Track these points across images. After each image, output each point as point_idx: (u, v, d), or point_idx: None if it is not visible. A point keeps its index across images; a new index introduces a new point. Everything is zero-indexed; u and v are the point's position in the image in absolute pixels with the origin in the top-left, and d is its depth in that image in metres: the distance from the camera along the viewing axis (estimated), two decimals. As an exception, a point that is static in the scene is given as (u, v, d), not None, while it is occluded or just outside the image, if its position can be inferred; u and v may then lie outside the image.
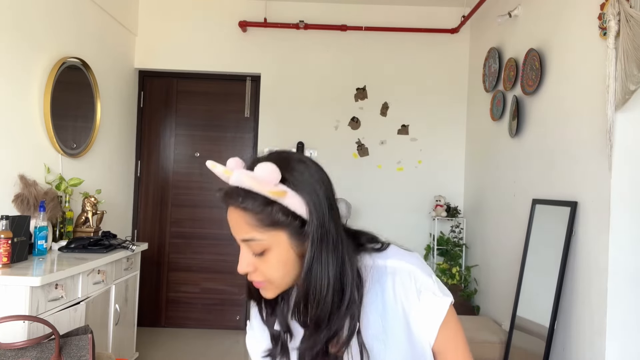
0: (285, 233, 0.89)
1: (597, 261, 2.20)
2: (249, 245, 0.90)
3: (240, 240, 0.91)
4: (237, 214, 0.89)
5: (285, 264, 0.90)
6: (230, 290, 4.30)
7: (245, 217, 0.89)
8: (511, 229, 3.17)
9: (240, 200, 0.88)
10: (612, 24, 2.06)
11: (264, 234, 0.88)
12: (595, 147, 2.26)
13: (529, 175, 2.96)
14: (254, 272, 0.91)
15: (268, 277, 0.91)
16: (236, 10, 4.19)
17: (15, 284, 2.01)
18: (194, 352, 3.76)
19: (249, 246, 0.90)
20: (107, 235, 2.95)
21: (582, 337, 2.28)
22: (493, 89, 3.58)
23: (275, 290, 0.93)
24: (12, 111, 2.61)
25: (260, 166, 0.86)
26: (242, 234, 0.90)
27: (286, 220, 0.88)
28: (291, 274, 0.92)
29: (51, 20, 2.92)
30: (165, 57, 4.21)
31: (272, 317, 1.00)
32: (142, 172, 4.32)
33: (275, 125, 4.21)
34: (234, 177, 0.88)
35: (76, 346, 1.68)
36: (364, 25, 4.17)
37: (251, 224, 0.88)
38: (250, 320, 1.10)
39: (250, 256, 0.91)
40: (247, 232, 0.89)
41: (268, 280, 0.91)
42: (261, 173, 0.85)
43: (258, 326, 1.06)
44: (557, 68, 2.68)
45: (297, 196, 0.88)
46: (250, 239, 0.89)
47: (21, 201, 2.53)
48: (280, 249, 0.89)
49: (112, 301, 2.83)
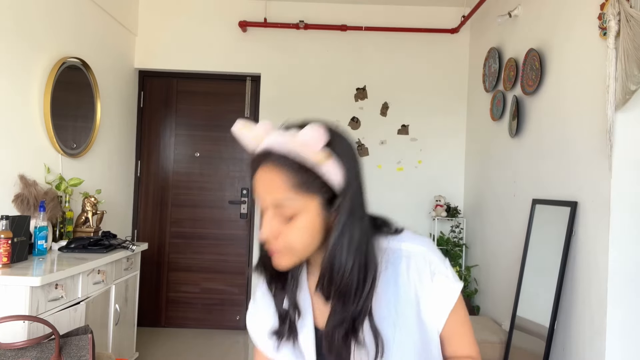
0: (317, 200, 0.88)
1: (597, 261, 2.20)
2: (279, 208, 0.88)
3: (270, 202, 0.88)
4: (272, 174, 0.87)
5: (312, 232, 0.89)
6: (230, 290, 4.30)
7: (282, 178, 0.86)
8: (511, 229, 3.17)
9: (279, 159, 0.86)
10: (612, 24, 2.06)
11: (297, 196, 0.87)
12: (595, 147, 2.26)
13: (529, 175, 2.96)
14: (276, 239, 0.89)
15: (290, 244, 0.89)
16: (236, 10, 4.19)
17: (15, 284, 2.01)
18: (194, 352, 3.76)
19: (278, 209, 0.88)
20: (107, 235, 2.95)
21: (582, 337, 2.28)
22: (493, 89, 3.58)
23: (293, 259, 0.91)
24: (12, 111, 2.61)
25: (309, 127, 0.84)
26: (274, 194, 0.87)
27: (321, 188, 0.87)
28: (314, 243, 0.90)
29: (51, 20, 2.92)
30: (165, 57, 4.21)
31: (281, 293, 0.99)
32: (142, 172, 4.32)
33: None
34: (273, 138, 0.87)
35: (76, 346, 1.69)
36: (364, 25, 4.17)
37: (286, 185, 0.86)
38: (254, 300, 1.09)
39: (275, 222, 0.89)
40: (281, 192, 0.87)
41: (289, 247, 0.90)
42: (308, 134, 0.84)
43: (263, 306, 1.05)
44: (557, 68, 2.68)
45: (337, 165, 0.87)
46: (283, 200, 0.87)
47: (21, 201, 2.53)
48: (309, 216, 0.88)
49: (112, 301, 2.83)
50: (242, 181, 4.31)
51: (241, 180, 4.31)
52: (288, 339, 0.98)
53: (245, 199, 4.29)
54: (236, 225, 4.31)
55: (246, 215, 4.29)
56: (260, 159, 0.88)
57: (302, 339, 0.98)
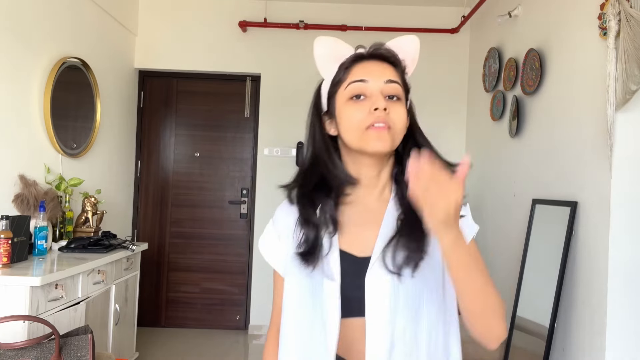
0: (405, 98, 1.03)
1: (597, 261, 2.20)
2: (391, 86, 0.99)
3: (385, 80, 0.99)
4: (384, 66, 1.01)
5: (404, 120, 1.00)
6: (230, 290, 4.30)
7: (393, 70, 1.01)
8: (511, 229, 3.17)
9: (396, 57, 1.02)
10: (612, 24, 2.06)
11: (402, 88, 1.02)
12: (595, 147, 2.26)
13: (529, 175, 2.96)
14: (386, 113, 0.96)
15: (393, 123, 0.97)
16: (236, 10, 4.19)
17: (15, 284, 2.01)
18: (194, 352, 3.76)
19: (390, 87, 0.99)
20: (107, 235, 2.95)
21: (582, 337, 2.28)
22: (493, 89, 3.58)
23: (391, 142, 0.97)
24: (12, 111, 2.61)
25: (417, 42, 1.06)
26: (389, 76, 1.00)
27: (406, 92, 1.04)
28: (402, 133, 1.00)
29: (51, 20, 2.92)
30: (165, 57, 4.21)
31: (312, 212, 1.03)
32: (142, 172, 4.32)
33: (275, 125, 4.21)
34: (410, 40, 1.05)
35: (76, 346, 1.69)
36: (364, 25, 4.16)
37: (396, 75, 1.01)
38: (273, 223, 1.12)
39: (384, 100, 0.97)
40: (394, 76, 1.00)
41: (393, 124, 0.97)
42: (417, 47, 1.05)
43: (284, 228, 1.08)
44: (557, 68, 2.68)
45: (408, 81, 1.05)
46: (396, 80, 1.00)
47: (21, 201, 2.53)
48: (403, 105, 1.01)
49: (112, 301, 2.83)
50: (242, 181, 4.31)
51: (241, 180, 4.31)
52: (313, 259, 1.01)
53: (245, 199, 4.29)
54: (236, 225, 4.31)
55: (246, 215, 4.29)
56: (381, 51, 1.02)
57: (331, 259, 1.00)
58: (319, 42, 1.04)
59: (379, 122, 0.95)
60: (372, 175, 1.04)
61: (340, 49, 1.04)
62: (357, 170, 1.03)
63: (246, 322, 4.27)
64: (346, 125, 0.99)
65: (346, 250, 1.02)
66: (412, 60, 1.05)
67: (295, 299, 1.03)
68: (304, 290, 1.02)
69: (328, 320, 0.98)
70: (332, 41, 1.04)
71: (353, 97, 0.99)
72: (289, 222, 1.07)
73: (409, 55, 1.05)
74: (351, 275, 1.00)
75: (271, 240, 1.12)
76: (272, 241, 1.11)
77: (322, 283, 1.00)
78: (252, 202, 4.26)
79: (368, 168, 1.03)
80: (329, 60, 1.04)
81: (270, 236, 1.12)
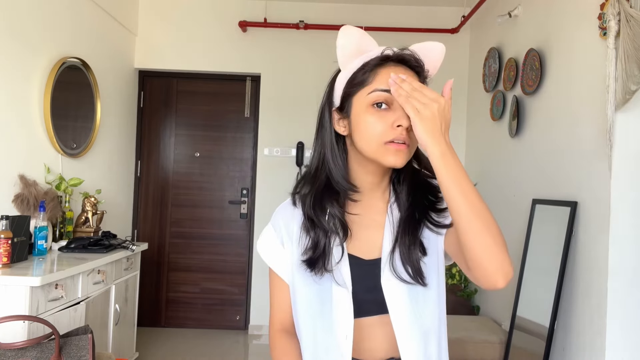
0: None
1: (597, 261, 2.20)
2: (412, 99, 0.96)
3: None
4: (410, 75, 0.97)
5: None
6: (230, 290, 4.30)
7: (417, 79, 0.97)
8: (511, 229, 3.17)
9: (421, 66, 0.99)
10: (612, 24, 2.06)
11: None
12: (595, 147, 2.26)
13: (529, 175, 2.96)
14: (407, 131, 0.94)
15: (412, 142, 0.95)
16: (236, 10, 4.19)
17: (15, 284, 2.01)
18: (194, 352, 3.76)
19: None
20: (107, 235, 2.95)
21: (582, 337, 2.28)
22: (493, 89, 3.58)
23: (407, 159, 0.96)
24: (12, 111, 2.61)
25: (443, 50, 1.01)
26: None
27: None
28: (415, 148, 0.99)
29: (51, 20, 2.92)
30: (165, 57, 4.21)
31: (323, 218, 1.01)
32: (142, 172, 4.32)
33: (275, 125, 4.21)
34: (439, 48, 1.00)
35: (76, 346, 1.69)
36: (364, 25, 4.15)
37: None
38: (274, 228, 1.09)
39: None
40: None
41: (410, 145, 0.95)
42: (441, 57, 1.02)
43: (286, 234, 1.07)
44: (557, 68, 2.68)
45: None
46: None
47: (21, 201, 2.53)
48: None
49: (112, 301, 2.83)
50: (242, 181, 4.31)
51: (241, 180, 4.31)
52: (322, 267, 1.00)
53: (245, 199, 4.29)
54: (236, 225, 4.31)
55: (246, 215, 4.29)
56: (412, 59, 0.98)
57: (342, 266, 1.01)
58: (345, 31, 0.97)
59: (400, 140, 0.93)
60: (376, 181, 1.04)
61: (366, 43, 0.98)
62: (362, 174, 1.02)
63: (246, 322, 4.27)
64: (364, 134, 0.95)
65: (353, 253, 1.02)
66: (434, 68, 1.02)
67: (305, 306, 1.03)
68: (313, 297, 1.02)
69: (340, 325, 0.99)
70: (359, 33, 0.98)
71: (374, 105, 0.95)
72: (293, 227, 1.06)
73: (432, 63, 1.01)
74: (361, 278, 1.01)
75: (273, 246, 1.09)
76: (274, 247, 1.09)
77: (331, 290, 1.00)
78: (252, 202, 4.26)
79: (374, 175, 1.02)
80: (351, 54, 0.98)
81: (272, 242, 1.09)
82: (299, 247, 1.04)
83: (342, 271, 1.00)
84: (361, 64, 0.97)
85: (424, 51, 1.00)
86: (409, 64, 0.98)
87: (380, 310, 1.00)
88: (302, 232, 1.03)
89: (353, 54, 0.98)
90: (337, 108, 1.01)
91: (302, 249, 1.03)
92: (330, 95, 1.03)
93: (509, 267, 0.86)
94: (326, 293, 1.00)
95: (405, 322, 0.98)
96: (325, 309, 1.00)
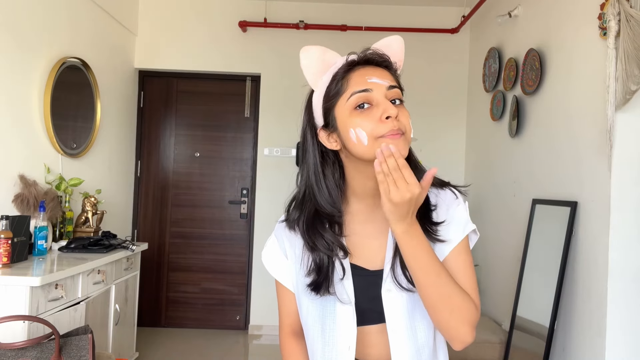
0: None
1: (597, 261, 2.20)
2: (393, 91, 0.97)
3: (387, 86, 0.96)
4: (381, 71, 0.98)
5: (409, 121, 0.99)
6: (230, 290, 4.30)
7: (389, 74, 0.99)
8: (511, 229, 3.17)
9: (389, 60, 1.00)
10: (612, 24, 2.06)
11: (400, 89, 1.00)
12: (595, 147, 2.26)
13: (529, 175, 2.96)
14: (397, 118, 0.94)
15: (405, 128, 0.95)
16: (236, 10, 4.19)
17: (15, 284, 2.01)
18: (194, 352, 3.76)
19: (393, 92, 0.97)
20: (107, 235, 2.95)
21: (582, 337, 2.28)
22: (493, 89, 3.58)
23: (406, 144, 0.95)
24: (13, 111, 2.61)
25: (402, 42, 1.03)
26: (389, 82, 0.97)
27: (403, 92, 1.02)
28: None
29: (51, 20, 2.92)
30: (165, 57, 4.21)
31: (321, 235, 1.02)
32: (142, 172, 4.32)
33: (275, 125, 4.21)
34: (397, 40, 1.02)
35: (76, 346, 1.69)
36: (364, 25, 4.16)
37: (393, 78, 0.99)
38: (276, 242, 1.11)
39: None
40: (393, 80, 0.98)
41: (404, 132, 0.95)
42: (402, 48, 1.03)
43: (289, 249, 1.08)
44: (557, 68, 2.68)
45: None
46: (396, 85, 0.98)
47: (21, 201, 2.53)
48: (405, 108, 0.99)
49: (112, 301, 2.83)
50: (242, 181, 4.31)
51: (241, 180, 4.31)
52: (324, 288, 1.01)
53: (245, 199, 4.29)
54: (236, 225, 4.31)
55: (246, 215, 4.29)
56: (379, 57, 0.99)
57: (345, 283, 1.02)
58: (305, 52, 1.00)
59: (393, 130, 0.93)
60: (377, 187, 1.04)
61: (329, 57, 1.01)
62: (363, 183, 1.02)
63: (246, 322, 4.27)
64: (357, 137, 0.95)
65: (357, 264, 1.03)
66: (400, 60, 1.03)
67: (309, 320, 1.06)
68: (317, 313, 1.04)
69: (343, 337, 1.02)
70: (319, 50, 1.01)
71: (357, 107, 0.95)
72: (295, 244, 1.07)
73: (397, 55, 1.03)
74: (364, 289, 1.02)
75: (277, 257, 1.11)
76: (278, 259, 1.11)
77: (335, 306, 1.02)
78: (252, 202, 4.26)
79: (374, 181, 1.01)
80: (318, 71, 1.00)
81: (276, 253, 1.11)
82: (301, 267, 1.05)
83: (346, 286, 1.02)
84: (331, 76, 0.99)
85: (384, 48, 1.02)
86: (375, 62, 0.99)
87: (381, 319, 1.02)
88: (305, 252, 1.05)
89: (320, 71, 1.00)
90: (322, 126, 1.01)
91: (305, 270, 1.04)
92: (310, 117, 1.03)
93: (465, 336, 0.93)
94: (330, 309, 1.03)
95: (400, 334, 1.00)
96: (328, 322, 1.03)
